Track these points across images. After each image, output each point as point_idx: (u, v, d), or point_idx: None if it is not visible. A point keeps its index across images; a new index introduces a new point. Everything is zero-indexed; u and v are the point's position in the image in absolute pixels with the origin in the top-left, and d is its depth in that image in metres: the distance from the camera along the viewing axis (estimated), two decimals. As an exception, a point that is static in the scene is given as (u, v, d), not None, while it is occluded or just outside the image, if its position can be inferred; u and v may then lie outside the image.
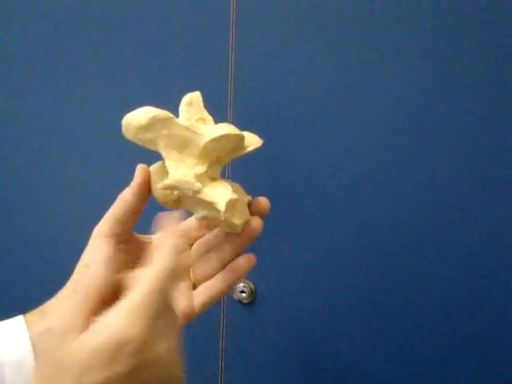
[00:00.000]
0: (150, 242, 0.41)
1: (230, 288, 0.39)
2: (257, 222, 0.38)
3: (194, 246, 0.41)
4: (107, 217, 0.36)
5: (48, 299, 0.35)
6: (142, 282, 0.28)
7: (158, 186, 0.35)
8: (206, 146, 0.34)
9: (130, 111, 0.35)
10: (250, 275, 0.67)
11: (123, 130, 0.35)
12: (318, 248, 0.65)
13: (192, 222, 0.42)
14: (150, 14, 0.66)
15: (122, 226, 0.36)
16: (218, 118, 0.40)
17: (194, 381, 0.70)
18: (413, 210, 0.62)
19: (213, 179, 0.36)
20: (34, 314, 0.35)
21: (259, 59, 0.64)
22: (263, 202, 0.39)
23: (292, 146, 0.64)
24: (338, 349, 0.65)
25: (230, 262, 0.39)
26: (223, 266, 0.39)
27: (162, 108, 0.37)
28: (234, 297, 0.67)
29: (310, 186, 0.64)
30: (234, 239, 0.39)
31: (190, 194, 0.34)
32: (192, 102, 0.37)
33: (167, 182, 0.34)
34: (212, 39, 0.65)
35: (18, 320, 0.34)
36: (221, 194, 0.35)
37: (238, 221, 0.36)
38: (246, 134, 0.38)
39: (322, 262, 0.65)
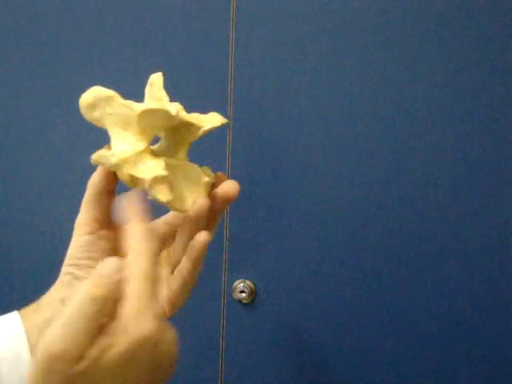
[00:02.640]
0: None
1: (196, 267, 0.38)
2: (199, 202, 0.36)
3: (177, 233, 0.41)
4: (82, 204, 0.36)
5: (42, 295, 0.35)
6: (135, 287, 0.29)
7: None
8: (137, 122, 0.35)
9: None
10: (249, 275, 0.67)
11: (80, 109, 0.36)
12: (319, 247, 0.65)
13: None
14: (150, 14, 0.67)
15: (98, 210, 0.36)
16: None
17: (194, 381, 0.70)
18: (414, 206, 0.62)
19: (156, 156, 0.36)
20: (28, 309, 0.35)
21: (259, 58, 0.65)
22: (227, 185, 0.37)
23: (293, 144, 0.64)
24: (338, 349, 0.65)
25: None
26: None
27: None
28: (234, 297, 0.67)
29: (311, 184, 0.64)
30: (186, 220, 0.38)
31: (111, 169, 0.35)
32: (152, 83, 0.38)
33: (92, 156, 0.34)
34: (212, 39, 0.65)
35: (13, 316, 0.35)
36: (149, 170, 0.35)
37: (164, 198, 0.35)
38: (211, 114, 0.39)
39: (323, 262, 0.65)
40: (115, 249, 0.37)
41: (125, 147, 0.34)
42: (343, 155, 0.63)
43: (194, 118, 0.37)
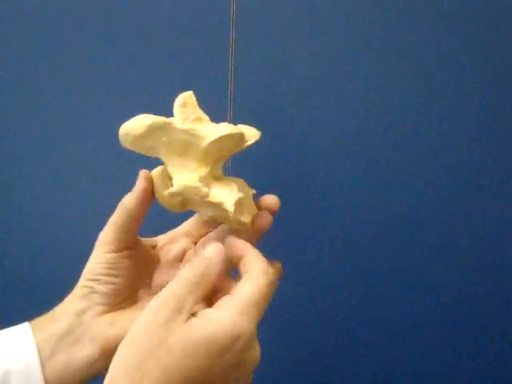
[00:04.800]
0: (155, 245, 0.40)
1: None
2: (265, 218, 0.38)
3: (198, 244, 0.41)
4: (110, 224, 0.36)
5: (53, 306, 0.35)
6: (254, 283, 0.31)
7: (163, 194, 0.35)
8: (207, 148, 0.34)
9: (129, 114, 0.35)
10: (249, 275, 0.67)
11: (121, 139, 0.34)
12: (319, 248, 0.65)
13: (194, 220, 0.42)
14: (150, 15, 0.66)
15: (125, 233, 0.35)
16: (218, 119, 0.40)
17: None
18: (423, 212, 0.63)
19: (216, 178, 0.36)
20: (41, 320, 0.35)
21: (259, 59, 0.64)
22: (271, 200, 0.39)
23: (293, 146, 0.64)
24: (338, 349, 0.66)
25: None
26: None
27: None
28: (234, 297, 0.67)
29: (311, 185, 0.64)
30: (239, 235, 0.38)
31: (198, 199, 0.34)
32: (186, 103, 0.37)
33: (173, 189, 0.33)
34: (212, 39, 0.65)
35: (24, 327, 0.34)
36: (227, 194, 0.35)
37: (246, 218, 0.36)
38: (243, 127, 0.38)
39: (323, 262, 0.65)
40: (137, 266, 0.37)
41: (188, 175, 0.34)
42: (344, 155, 0.63)
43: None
